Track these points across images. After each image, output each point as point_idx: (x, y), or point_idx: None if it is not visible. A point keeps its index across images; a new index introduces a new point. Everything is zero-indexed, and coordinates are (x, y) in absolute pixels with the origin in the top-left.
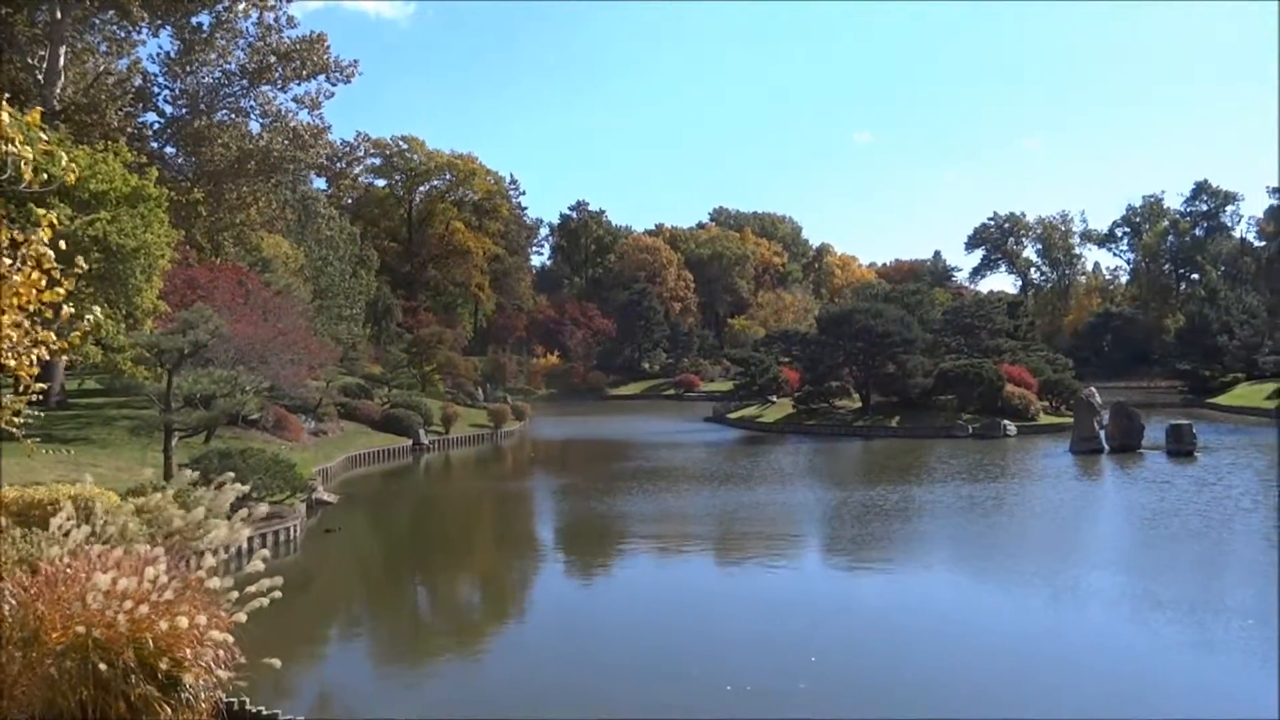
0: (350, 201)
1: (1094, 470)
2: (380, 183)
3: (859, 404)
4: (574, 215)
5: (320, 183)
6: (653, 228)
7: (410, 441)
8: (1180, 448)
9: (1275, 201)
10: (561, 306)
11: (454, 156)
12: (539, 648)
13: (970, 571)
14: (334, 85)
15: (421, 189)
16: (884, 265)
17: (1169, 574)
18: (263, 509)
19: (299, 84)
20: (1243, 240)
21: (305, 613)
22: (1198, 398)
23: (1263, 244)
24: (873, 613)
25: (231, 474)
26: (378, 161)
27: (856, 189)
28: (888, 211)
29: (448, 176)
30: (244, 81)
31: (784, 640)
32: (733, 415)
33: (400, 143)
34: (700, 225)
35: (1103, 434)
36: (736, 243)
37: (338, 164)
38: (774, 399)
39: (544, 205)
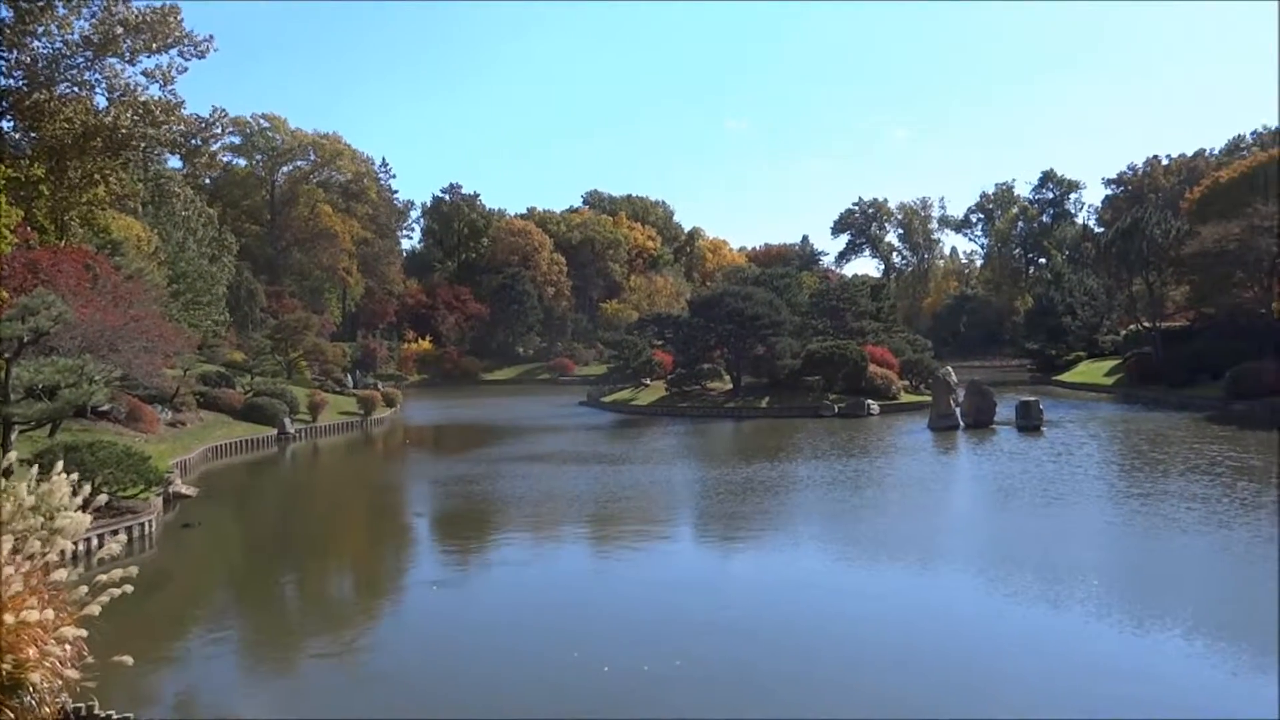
0: (208, 182)
1: (950, 446)
2: (241, 162)
3: (730, 386)
4: (446, 198)
5: (175, 161)
6: (525, 211)
7: (275, 431)
8: (1029, 423)
9: (1112, 191)
10: (433, 291)
11: (319, 136)
12: (415, 640)
13: (837, 545)
14: (188, 60)
15: (285, 169)
16: (754, 249)
17: (1022, 540)
18: (102, 498)
19: (149, 57)
20: (1084, 226)
21: (162, 612)
22: (1045, 375)
23: (1101, 230)
24: (747, 589)
25: (61, 466)
26: (237, 140)
27: (728, 174)
28: (758, 196)
29: (312, 157)
30: (88, 53)
31: (661, 619)
32: (607, 399)
33: (261, 120)
34: (573, 209)
35: (958, 411)
36: (609, 226)
37: (193, 141)
38: (648, 382)
39: (415, 187)
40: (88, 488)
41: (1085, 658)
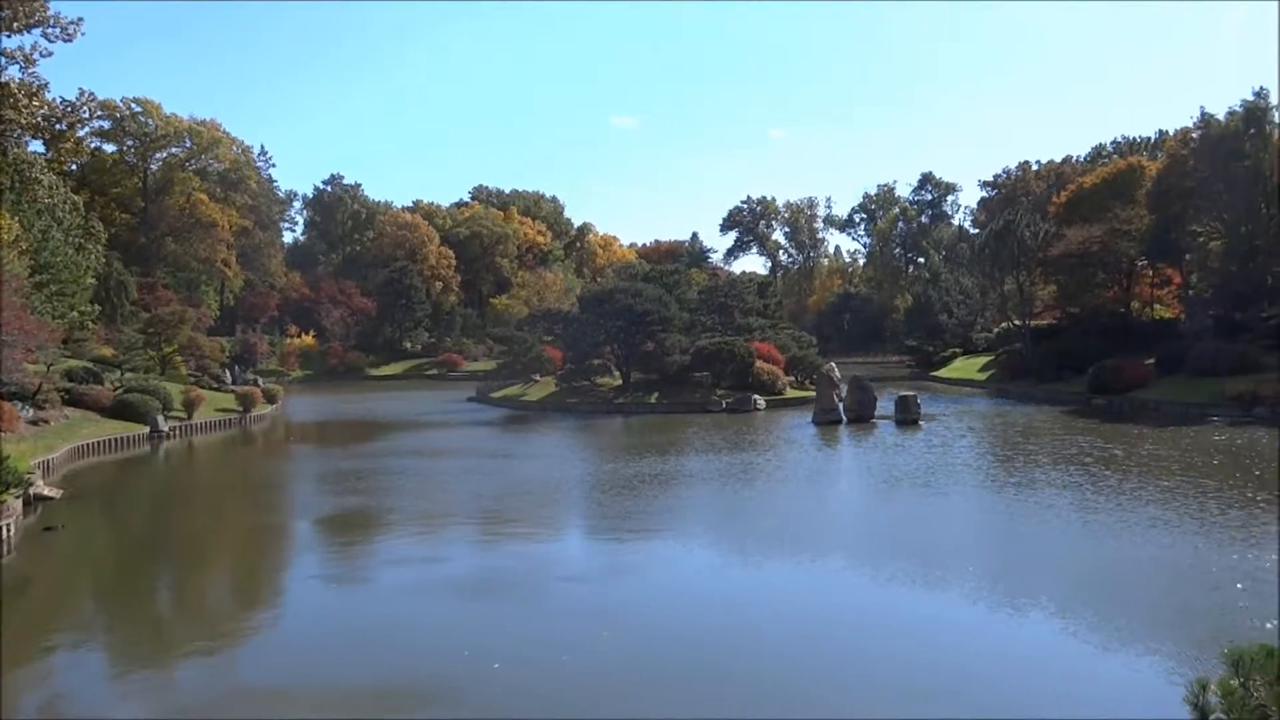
0: (75, 168)
1: (834, 439)
2: (110, 148)
3: (620, 381)
4: (328, 189)
5: (38, 145)
6: (412, 204)
7: (148, 429)
8: (907, 417)
9: (986, 194)
10: (317, 284)
11: (195, 123)
12: (292, 643)
13: (725, 537)
14: (53, 42)
15: (158, 156)
16: (645, 245)
17: (902, 527)
18: None
19: (9, 37)
20: (960, 228)
21: (23, 620)
22: (923, 371)
23: (976, 231)
24: (641, 584)
25: None
26: (107, 125)
27: (619, 171)
28: (649, 193)
29: (188, 144)
30: None
31: (547, 614)
32: (496, 394)
33: (133, 105)
34: (462, 203)
35: (841, 406)
36: (499, 221)
37: (57, 125)
38: (537, 377)
39: (297, 178)
40: None
41: (964, 640)
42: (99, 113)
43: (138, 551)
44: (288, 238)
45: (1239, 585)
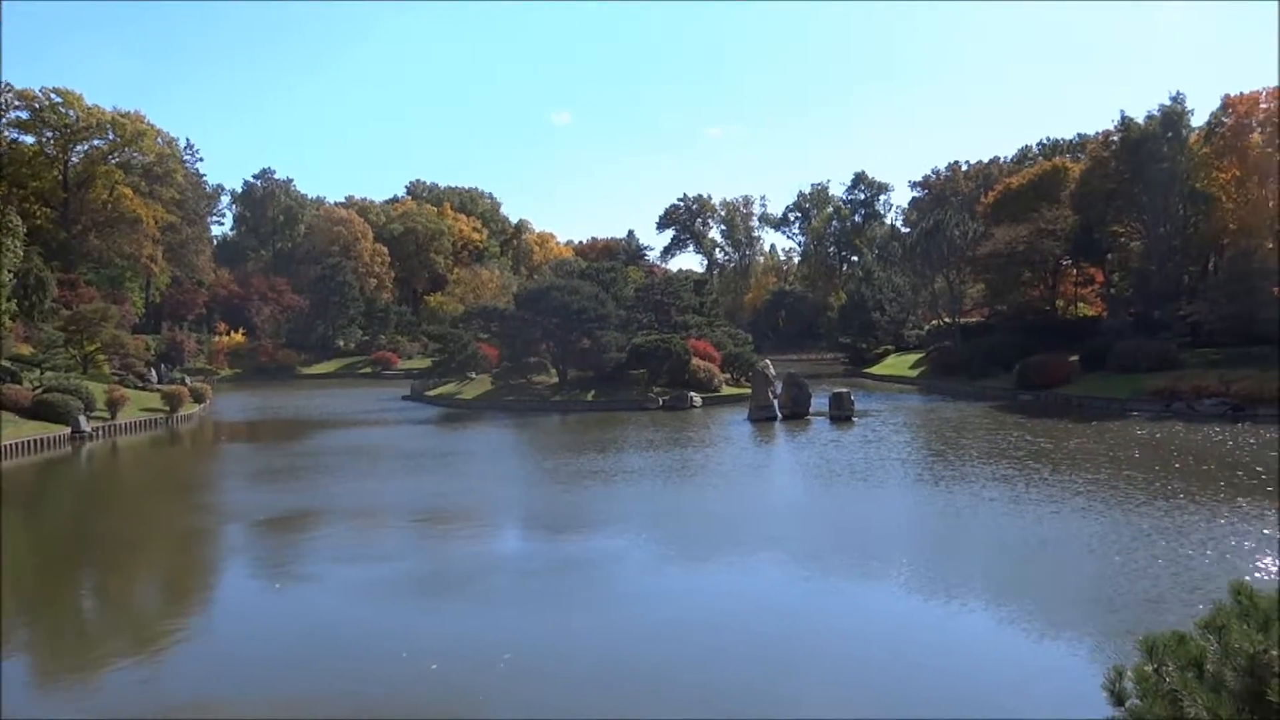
0: None
1: (769, 436)
2: (28, 139)
3: (556, 379)
4: (258, 183)
5: None
6: (345, 199)
7: (69, 429)
8: (841, 413)
9: (917, 194)
10: (247, 281)
11: (119, 115)
12: (222, 648)
13: (667, 533)
14: None
15: (79, 148)
16: (581, 243)
17: (840, 521)
18: None
19: None
20: (892, 226)
21: None
22: (856, 368)
23: (907, 230)
24: (586, 581)
25: None
26: (24, 115)
27: (555, 168)
28: (585, 190)
29: (111, 136)
30: None
31: (485, 614)
32: (432, 393)
33: (52, 95)
34: (396, 199)
35: (776, 403)
36: (434, 217)
37: None
38: (473, 375)
39: (225, 172)
40: None
41: (900, 631)
42: (16, 103)
43: (60, 557)
44: (216, 233)
45: (1163, 573)
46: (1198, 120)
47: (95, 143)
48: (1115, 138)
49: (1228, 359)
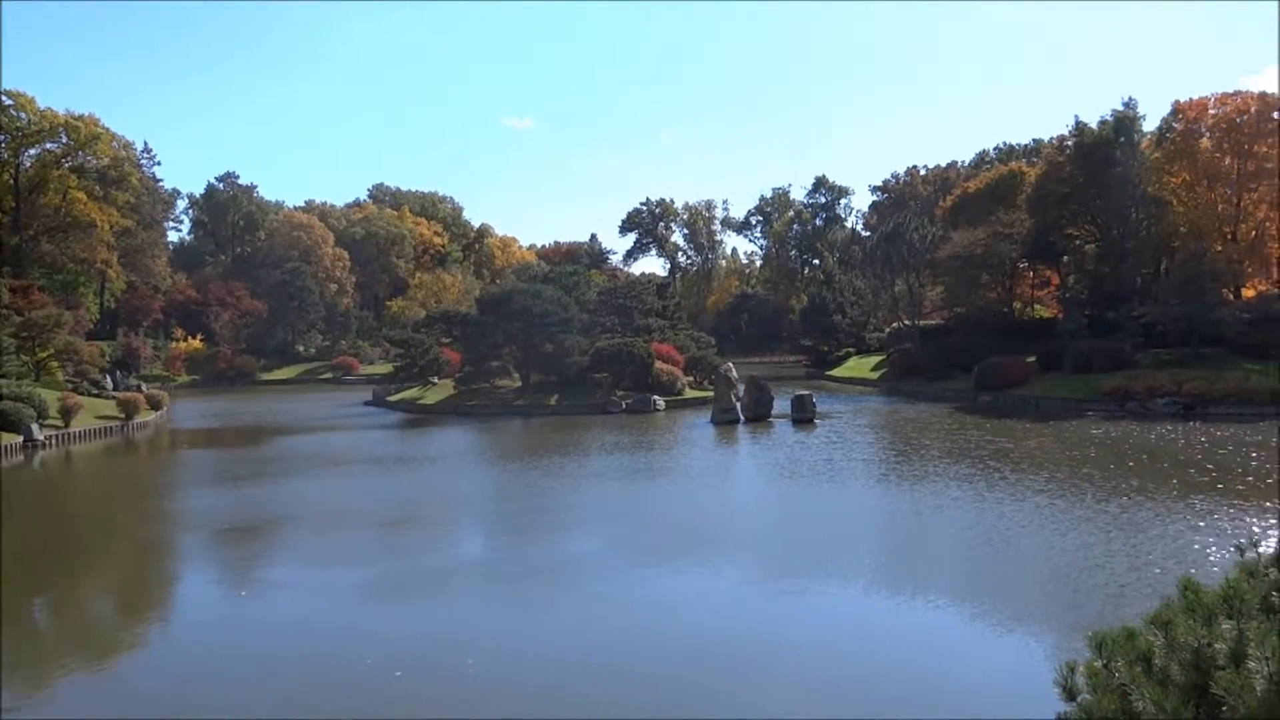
0: None
1: (732, 439)
2: None
3: (519, 383)
4: (221, 187)
5: None
6: (305, 204)
7: (21, 438)
8: (803, 415)
9: (877, 197)
10: (205, 286)
11: (72, 118)
12: (179, 659)
13: (632, 536)
14: None
15: (31, 152)
16: (544, 247)
17: (803, 522)
18: None
19: None
20: (853, 230)
21: None
22: (818, 370)
23: (867, 234)
24: (552, 585)
25: None
26: None
27: (517, 172)
28: (547, 195)
29: (64, 139)
30: None
31: (450, 618)
32: (394, 398)
33: (4, 98)
34: (357, 203)
35: (739, 406)
36: (395, 221)
37: None
38: (435, 380)
39: (181, 176)
40: None
41: (866, 630)
42: None
43: (11, 567)
44: (173, 238)
45: (1121, 569)
46: (1150, 125)
47: (48, 146)
48: (1069, 143)
49: (1179, 359)
